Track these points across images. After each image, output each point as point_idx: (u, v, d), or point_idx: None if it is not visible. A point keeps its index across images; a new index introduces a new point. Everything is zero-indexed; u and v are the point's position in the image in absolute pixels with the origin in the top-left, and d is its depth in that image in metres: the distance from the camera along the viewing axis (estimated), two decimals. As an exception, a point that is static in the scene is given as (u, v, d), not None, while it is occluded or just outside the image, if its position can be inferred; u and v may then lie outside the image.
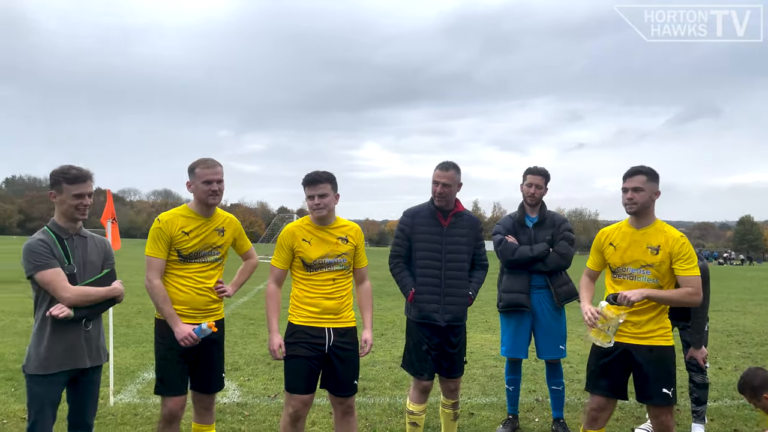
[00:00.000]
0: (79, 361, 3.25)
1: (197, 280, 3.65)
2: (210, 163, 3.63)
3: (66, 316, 3.12)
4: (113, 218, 5.95)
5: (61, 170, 3.24)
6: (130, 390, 6.06)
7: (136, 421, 5.10)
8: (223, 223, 3.78)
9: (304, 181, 3.72)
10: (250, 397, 5.94)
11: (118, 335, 8.37)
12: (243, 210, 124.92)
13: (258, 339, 9.10)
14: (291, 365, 3.70)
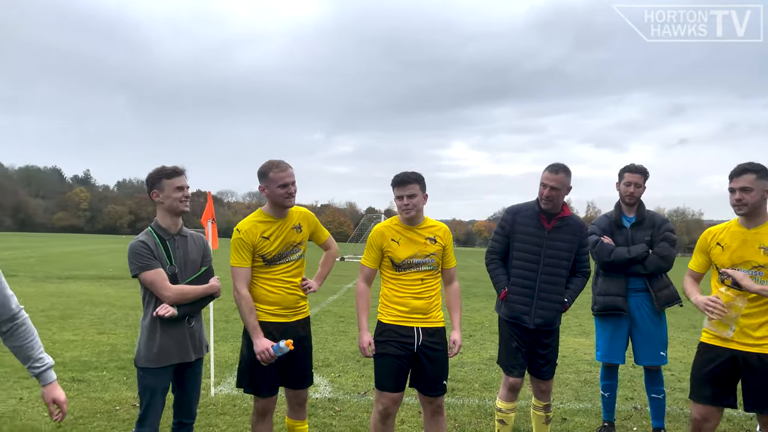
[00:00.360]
0: (185, 355, 3.44)
1: (285, 280, 3.72)
2: (282, 166, 3.63)
3: (171, 315, 3.30)
4: (213, 218, 6.27)
5: (158, 169, 3.42)
6: (228, 382, 6.37)
7: (234, 412, 5.36)
8: (299, 218, 3.81)
9: (393, 181, 3.75)
10: (340, 393, 6.07)
11: (218, 330, 8.82)
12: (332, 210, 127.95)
13: (348, 336, 9.29)
14: (381, 363, 3.76)
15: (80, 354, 7.55)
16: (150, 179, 3.43)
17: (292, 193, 3.63)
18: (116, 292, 14.67)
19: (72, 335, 8.80)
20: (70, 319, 10.23)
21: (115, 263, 24.37)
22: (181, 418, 3.56)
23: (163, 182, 3.38)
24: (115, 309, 11.55)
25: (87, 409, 5.30)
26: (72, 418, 5.06)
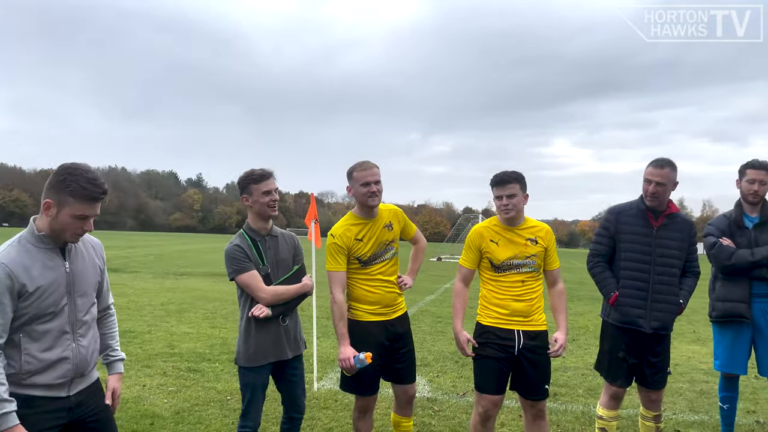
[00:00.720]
0: (281, 353, 3.53)
1: (382, 279, 3.76)
2: (366, 165, 3.65)
3: (266, 315, 3.41)
4: (316, 219, 6.48)
5: (246, 174, 3.50)
6: (330, 378, 6.55)
7: (336, 407, 5.51)
8: (389, 217, 3.83)
9: (492, 181, 3.70)
10: (439, 393, 6.08)
11: (320, 326, 9.08)
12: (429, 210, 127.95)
13: (446, 336, 9.26)
14: (480, 365, 3.72)
15: (195, 346, 8.07)
16: (240, 183, 3.53)
17: (374, 192, 3.63)
18: (228, 288, 15.51)
19: (187, 328, 9.42)
20: (185, 313, 10.97)
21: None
22: (291, 413, 3.67)
23: (251, 187, 3.47)
24: (226, 304, 12.23)
25: (201, 398, 5.66)
26: (188, 405, 5.42)
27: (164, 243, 49.77)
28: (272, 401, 5.37)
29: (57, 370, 2.45)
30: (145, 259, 26.44)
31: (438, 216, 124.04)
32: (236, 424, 4.90)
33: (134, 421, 4.92)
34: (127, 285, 15.03)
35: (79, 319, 2.54)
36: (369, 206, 3.69)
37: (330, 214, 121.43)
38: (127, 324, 9.21)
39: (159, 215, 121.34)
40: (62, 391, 2.50)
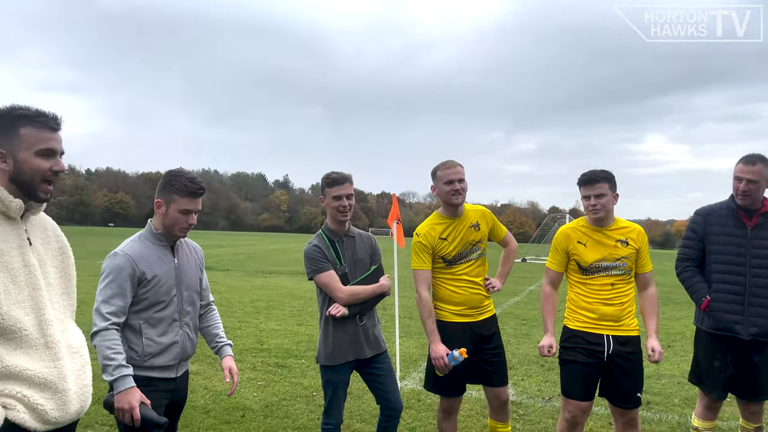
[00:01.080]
0: (359, 352, 3.57)
1: (468, 279, 3.73)
2: (450, 164, 3.68)
3: (342, 314, 3.46)
4: (398, 219, 6.53)
5: (324, 176, 3.58)
6: (413, 377, 6.58)
7: (419, 407, 5.53)
8: (476, 217, 3.79)
9: (580, 180, 3.59)
10: (524, 397, 5.96)
11: (403, 326, 9.15)
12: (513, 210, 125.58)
13: (531, 340, 9.07)
14: (567, 370, 3.62)
15: (282, 342, 8.35)
16: (321, 185, 3.64)
17: (458, 190, 3.63)
18: (312, 287, 15.88)
19: (275, 325, 9.75)
20: (273, 310, 11.36)
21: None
22: (387, 411, 3.67)
23: (326, 190, 3.56)
24: (312, 303, 12.56)
25: (289, 393, 5.85)
26: (277, 399, 5.62)
27: (253, 242, 51.74)
28: (355, 399, 5.47)
29: (170, 353, 2.84)
30: (236, 258, 27.59)
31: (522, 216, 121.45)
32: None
33: (227, 413, 5.16)
34: (219, 282, 15.75)
35: (185, 309, 2.92)
36: (453, 204, 3.69)
37: (412, 214, 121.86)
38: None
39: (248, 215, 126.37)
40: (171, 372, 2.88)
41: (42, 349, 2.00)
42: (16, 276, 1.97)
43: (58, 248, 2.23)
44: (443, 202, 3.74)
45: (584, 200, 3.58)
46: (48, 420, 1.97)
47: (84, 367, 2.17)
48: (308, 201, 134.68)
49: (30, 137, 2.01)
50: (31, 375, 1.94)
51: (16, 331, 1.94)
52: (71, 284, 2.25)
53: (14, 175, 2.01)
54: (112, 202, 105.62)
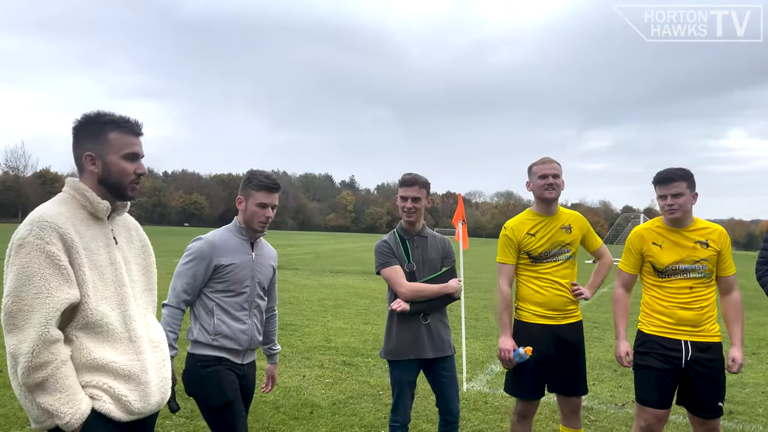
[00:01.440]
0: (421, 351, 3.56)
1: (552, 280, 3.66)
2: (546, 159, 3.69)
3: (402, 309, 3.47)
4: (463, 219, 6.49)
5: (400, 178, 3.67)
6: (480, 379, 6.52)
7: (486, 409, 5.47)
8: (569, 219, 3.74)
9: (655, 179, 3.45)
10: (595, 402, 5.78)
11: (469, 327, 9.08)
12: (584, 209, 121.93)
13: (603, 343, 8.79)
14: (642, 376, 3.48)
15: (349, 341, 8.45)
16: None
17: (551, 184, 3.61)
18: (378, 286, 16.04)
19: (342, 323, 9.89)
20: (340, 309, 11.52)
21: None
22: (445, 415, 3.67)
23: (399, 190, 3.67)
24: (377, 302, 12.66)
25: (356, 391, 5.92)
26: (344, 397, 5.70)
27: (321, 242, 52.64)
28: (422, 399, 5.47)
29: (238, 338, 3.02)
30: (305, 257, 28.14)
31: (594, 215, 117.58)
32: (388, 418, 5.08)
33: (296, 409, 5.28)
34: (288, 281, 16.12)
35: (254, 301, 3.12)
36: (545, 199, 3.66)
37: (478, 214, 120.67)
38: (288, 318, 9.89)
39: (316, 216, 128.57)
40: (238, 358, 3.06)
41: (126, 343, 2.11)
42: (104, 273, 2.10)
43: (140, 247, 2.36)
44: (536, 198, 3.73)
45: (660, 200, 3.44)
46: (131, 410, 2.08)
47: (164, 360, 2.29)
48: (374, 201, 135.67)
49: (117, 142, 2.15)
50: (116, 367, 2.06)
51: (103, 325, 2.06)
52: (152, 281, 2.37)
53: (103, 177, 2.15)
54: (187, 203, 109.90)
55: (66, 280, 1.96)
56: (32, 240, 1.94)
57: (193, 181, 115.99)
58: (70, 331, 2.01)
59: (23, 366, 1.88)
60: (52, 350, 1.91)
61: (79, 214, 2.10)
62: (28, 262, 1.92)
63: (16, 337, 1.90)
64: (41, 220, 1.98)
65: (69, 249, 1.99)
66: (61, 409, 1.92)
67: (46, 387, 1.91)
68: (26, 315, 1.90)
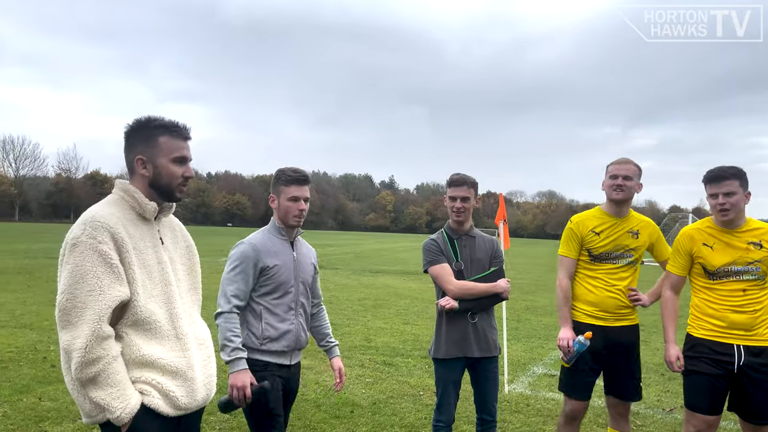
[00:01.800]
0: (467, 350, 3.54)
1: (607, 281, 3.60)
2: (621, 160, 3.65)
3: (451, 307, 3.46)
4: (504, 219, 6.42)
5: (449, 178, 3.66)
6: (522, 381, 6.44)
7: (528, 411, 5.40)
8: (638, 225, 3.67)
9: (706, 177, 3.34)
10: (642, 407, 5.64)
11: (510, 329, 8.97)
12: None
13: (649, 347, 8.57)
14: (691, 381, 3.38)
15: (389, 341, 8.47)
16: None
17: (620, 185, 3.56)
18: (418, 286, 16.04)
19: (382, 323, 9.91)
20: (380, 309, 11.56)
21: (417, 260, 26.60)
22: (482, 414, 3.66)
23: (447, 190, 3.66)
24: (417, 302, 12.65)
25: (396, 391, 5.92)
26: (384, 397, 5.71)
27: (360, 242, 52.90)
28: (463, 400, 5.43)
29: (285, 339, 3.05)
30: (344, 257, 28.32)
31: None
32: (428, 418, 5.06)
33: (336, 408, 5.31)
34: (328, 281, 16.26)
35: (299, 301, 3.15)
36: (613, 200, 3.62)
37: (519, 213, 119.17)
38: (329, 317, 9.95)
39: (356, 216, 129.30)
40: (286, 359, 3.08)
41: (173, 340, 2.17)
42: (151, 272, 2.16)
43: (185, 247, 2.42)
44: (606, 198, 3.70)
45: (711, 199, 3.33)
46: (179, 406, 2.13)
47: (209, 357, 2.34)
48: (413, 201, 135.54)
49: (167, 146, 2.22)
50: (164, 363, 2.12)
51: (151, 322, 2.12)
52: (197, 280, 2.43)
53: (153, 180, 2.23)
54: (231, 203, 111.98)
55: (117, 278, 2.03)
56: (85, 239, 2.01)
57: (235, 181, 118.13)
58: (121, 327, 2.08)
59: (77, 361, 1.95)
60: (104, 346, 1.97)
61: (129, 215, 2.17)
62: (81, 260, 1.99)
63: (69, 333, 1.97)
64: (93, 220, 2.05)
65: (120, 248, 2.06)
66: (112, 403, 1.98)
67: (98, 382, 1.98)
68: (80, 312, 1.97)
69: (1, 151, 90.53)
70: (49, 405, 5.09)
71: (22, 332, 8.08)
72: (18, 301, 10.75)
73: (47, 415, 4.84)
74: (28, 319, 9.08)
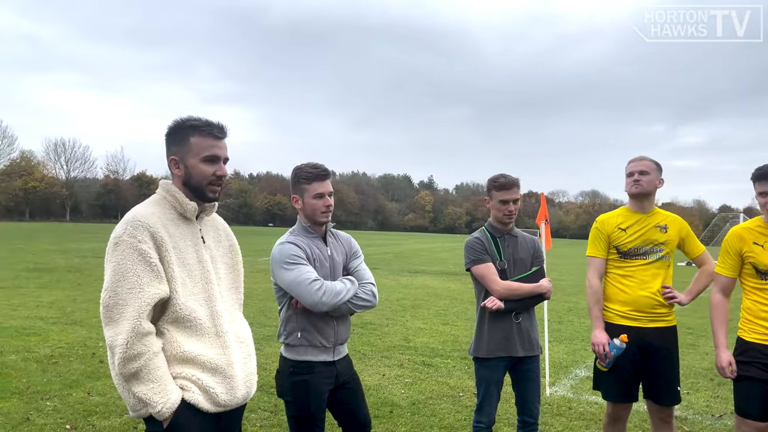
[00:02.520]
0: (512, 349, 3.51)
1: (639, 279, 3.52)
2: (638, 157, 3.63)
3: (498, 308, 3.42)
4: (546, 219, 6.32)
5: (491, 179, 3.62)
6: (564, 384, 6.32)
7: (570, 414, 5.29)
8: (666, 220, 3.60)
9: (754, 175, 3.23)
10: (690, 413, 5.47)
11: (552, 331, 8.83)
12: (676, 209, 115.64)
13: (698, 350, 8.30)
14: (743, 387, 3.25)
15: (428, 341, 8.43)
16: (487, 186, 3.69)
17: (637, 180, 3.53)
18: (457, 287, 15.93)
19: (421, 324, 9.88)
20: (419, 309, 11.52)
21: (456, 260, 26.45)
22: (523, 416, 3.61)
23: (493, 193, 3.61)
24: (457, 303, 12.56)
25: (435, 392, 5.89)
26: (423, 397, 5.68)
27: (399, 242, 52.90)
28: (503, 402, 5.36)
29: (325, 333, 3.00)
30: (383, 257, 28.37)
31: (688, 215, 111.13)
32: (468, 420, 5.02)
33: (375, 408, 5.32)
34: (367, 280, 16.27)
35: None
36: (631, 195, 3.61)
37: (561, 214, 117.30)
38: (368, 317, 9.99)
39: (395, 216, 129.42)
40: (329, 354, 3.03)
41: (213, 338, 2.21)
42: (192, 271, 2.20)
43: (228, 246, 2.45)
44: (628, 196, 3.67)
45: (760, 197, 3.21)
46: (218, 402, 2.17)
47: (249, 356, 2.37)
48: (452, 201, 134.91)
49: (197, 145, 2.24)
50: (204, 360, 2.15)
51: (192, 320, 2.16)
52: (239, 279, 2.46)
53: (185, 180, 2.27)
54: (272, 204, 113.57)
55: (156, 276, 2.07)
56: (126, 239, 2.06)
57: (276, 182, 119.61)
58: (162, 324, 2.13)
59: (119, 356, 2.00)
60: (144, 342, 2.02)
61: (170, 214, 2.21)
62: (122, 259, 2.05)
63: (112, 330, 2.02)
64: (134, 219, 2.10)
65: (159, 247, 2.11)
66: (154, 398, 2.03)
67: (139, 377, 2.03)
68: (121, 308, 2.02)
69: (54, 154, 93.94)
70: (98, 400, 5.25)
71: (72, 329, 8.36)
72: (68, 299, 11.14)
73: (95, 410, 4.99)
74: (78, 316, 9.40)
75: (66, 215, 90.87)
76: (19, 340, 7.52)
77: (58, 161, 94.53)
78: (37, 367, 6.23)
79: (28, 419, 4.71)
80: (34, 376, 5.89)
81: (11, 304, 10.23)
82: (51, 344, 7.33)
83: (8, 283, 13.06)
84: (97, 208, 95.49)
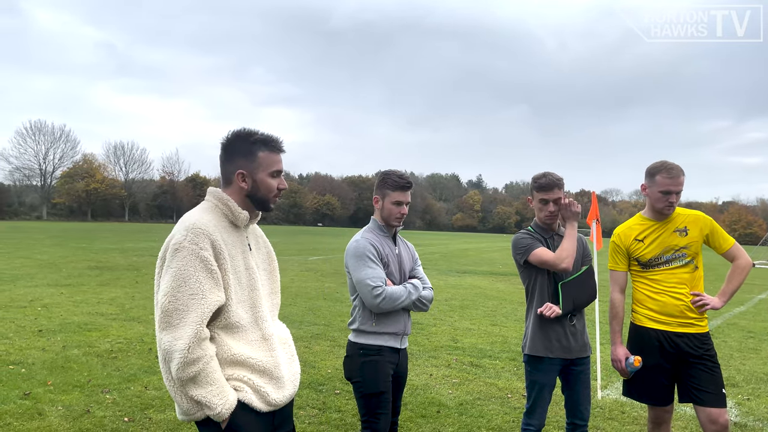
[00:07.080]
0: (565, 351, 3.46)
1: (666, 285, 3.44)
2: (673, 172, 3.39)
3: (556, 315, 3.38)
4: (597, 218, 6.18)
5: (534, 178, 3.59)
6: (616, 387, 6.16)
7: (623, 419, 5.16)
8: (685, 221, 3.47)
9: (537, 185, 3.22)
10: (750, 419, 5.24)
11: (603, 332, 8.62)
12: (738, 208, 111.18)
13: (760, 355, 7.95)
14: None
15: (476, 342, 8.36)
16: (530, 185, 3.66)
17: (672, 203, 3.41)
18: (506, 287, 15.74)
19: (469, 324, 9.81)
20: (467, 309, 11.44)
21: (505, 260, 26.13)
22: (573, 419, 3.56)
23: (534, 193, 3.59)
24: (506, 303, 12.41)
25: (483, 393, 5.84)
26: (471, 398, 5.65)
27: (447, 241, 52.58)
28: (553, 404, 5.28)
29: (398, 322, 3.28)
30: (431, 257, 28.26)
31: (750, 215, 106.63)
32: (516, 422, 4.96)
33: (422, 407, 5.32)
34: (415, 280, 16.25)
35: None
36: (664, 214, 3.50)
37: (615, 213, 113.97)
38: (415, 316, 9.99)
39: (442, 215, 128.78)
40: (397, 342, 3.30)
41: (260, 341, 2.26)
42: (241, 278, 2.27)
43: (266, 252, 2.53)
44: (651, 206, 3.53)
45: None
46: (269, 401, 2.22)
47: (293, 356, 2.43)
48: (502, 201, 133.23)
49: (266, 160, 2.31)
50: (253, 363, 2.21)
51: (240, 326, 2.22)
52: (277, 285, 2.53)
53: (251, 192, 2.33)
54: (321, 204, 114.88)
55: (216, 283, 2.13)
56: (188, 245, 2.11)
57: (325, 182, 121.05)
58: (213, 329, 2.18)
59: (178, 361, 2.04)
60: (203, 347, 2.07)
61: (222, 222, 2.27)
62: (184, 265, 2.09)
63: (171, 335, 2.06)
64: (195, 227, 2.14)
65: (218, 255, 2.16)
66: (213, 400, 2.08)
67: (198, 381, 2.08)
68: (182, 314, 2.06)
69: (113, 156, 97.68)
70: (154, 394, 5.44)
71: (131, 325, 8.68)
72: (127, 296, 11.57)
73: (152, 403, 5.17)
74: (136, 312, 9.75)
75: (125, 215, 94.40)
76: (81, 335, 7.86)
77: (117, 163, 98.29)
78: (98, 362, 6.50)
79: (89, 412, 4.92)
80: (94, 370, 6.15)
81: (74, 301, 10.71)
82: (111, 339, 7.64)
83: (72, 281, 13.67)
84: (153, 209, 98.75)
